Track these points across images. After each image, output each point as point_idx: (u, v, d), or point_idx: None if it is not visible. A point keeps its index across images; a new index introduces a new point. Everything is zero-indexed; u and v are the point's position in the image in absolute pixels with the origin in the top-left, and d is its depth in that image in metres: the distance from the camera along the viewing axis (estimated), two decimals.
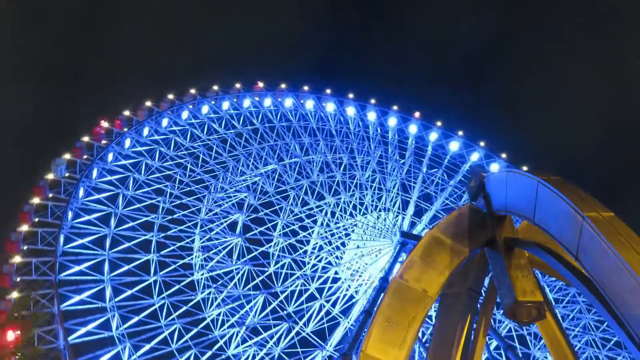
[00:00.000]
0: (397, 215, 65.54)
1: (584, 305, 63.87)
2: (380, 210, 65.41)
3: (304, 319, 58.04)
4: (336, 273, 61.79)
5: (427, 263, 18.62)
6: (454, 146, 72.41)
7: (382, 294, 19.46)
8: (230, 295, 57.18)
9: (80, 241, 51.60)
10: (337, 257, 62.50)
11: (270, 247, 60.45)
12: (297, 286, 59.36)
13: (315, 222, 63.33)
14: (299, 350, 56.46)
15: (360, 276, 61.38)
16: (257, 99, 70.34)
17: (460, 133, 73.30)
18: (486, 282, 20.32)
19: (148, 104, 64.24)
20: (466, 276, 19.60)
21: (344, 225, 63.45)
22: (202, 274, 57.07)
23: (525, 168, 67.81)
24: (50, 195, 52.55)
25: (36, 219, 50.31)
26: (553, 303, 61.39)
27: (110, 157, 58.06)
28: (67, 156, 54.70)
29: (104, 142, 58.86)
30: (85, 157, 56.57)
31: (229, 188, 62.18)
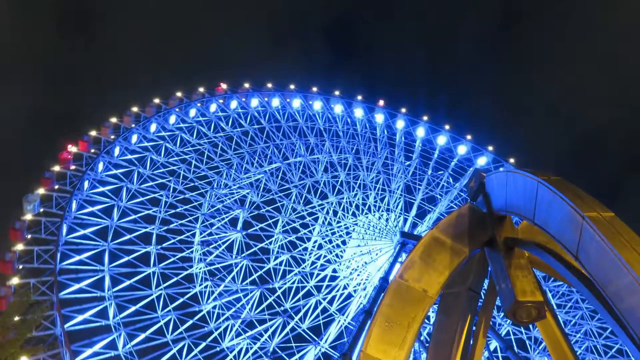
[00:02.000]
0: (398, 216, 65.37)
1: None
2: (382, 211, 65.25)
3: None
4: (334, 270, 61.73)
5: (427, 263, 18.60)
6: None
7: (382, 294, 19.44)
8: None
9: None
10: (336, 255, 62.40)
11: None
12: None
13: (317, 219, 63.20)
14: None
15: (359, 275, 61.30)
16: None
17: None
18: (486, 282, 20.30)
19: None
20: (466, 276, 19.59)
21: (344, 225, 63.27)
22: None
23: None
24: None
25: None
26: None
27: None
28: (41, 190, 51.96)
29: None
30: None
31: (220, 202, 61.72)
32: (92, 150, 57.14)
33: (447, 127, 73.26)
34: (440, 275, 18.51)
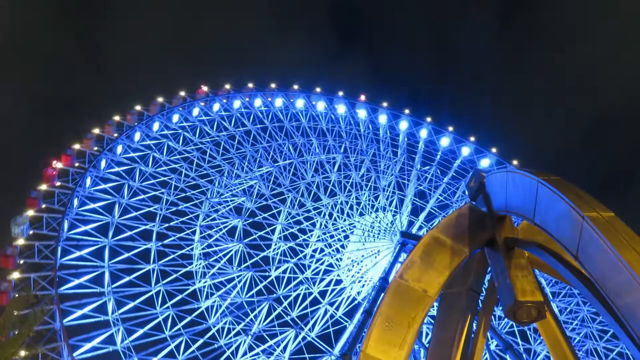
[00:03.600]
0: (394, 215, 65.04)
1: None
2: (378, 210, 64.91)
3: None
4: (338, 275, 61.41)
5: (427, 263, 18.60)
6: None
7: (382, 294, 19.44)
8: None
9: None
10: (337, 259, 61.94)
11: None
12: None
13: (314, 224, 62.59)
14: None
15: (362, 277, 61.12)
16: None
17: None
18: (486, 282, 20.31)
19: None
20: (466, 276, 19.59)
21: (342, 227, 62.88)
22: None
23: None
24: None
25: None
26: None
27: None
28: (31, 212, 48.71)
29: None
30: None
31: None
32: (77, 164, 54.34)
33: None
34: (440, 275, 18.51)
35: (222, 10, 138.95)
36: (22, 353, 38.00)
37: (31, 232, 48.18)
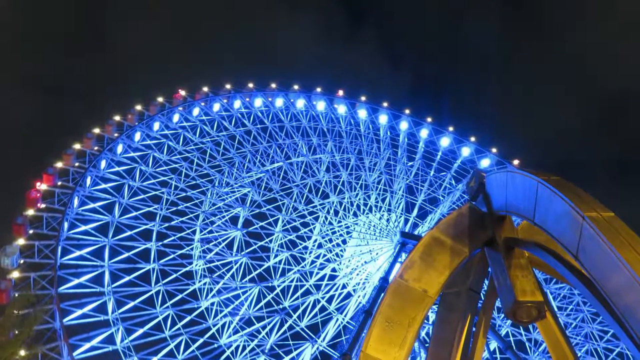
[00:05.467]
0: (399, 216, 64.91)
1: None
2: (382, 211, 64.77)
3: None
4: (341, 279, 61.20)
5: (427, 263, 18.62)
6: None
7: (382, 294, 19.45)
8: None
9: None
10: (339, 263, 61.62)
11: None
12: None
13: (312, 229, 62.07)
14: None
15: (366, 279, 60.95)
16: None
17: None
18: (486, 282, 20.32)
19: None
20: (466, 276, 19.61)
21: (339, 231, 62.52)
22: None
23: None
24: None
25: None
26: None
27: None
28: (20, 241, 46.10)
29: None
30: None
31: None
32: (60, 183, 51.59)
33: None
34: (440, 275, 18.53)
35: (224, 11, 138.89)
36: (22, 353, 37.79)
37: (22, 262, 45.78)
